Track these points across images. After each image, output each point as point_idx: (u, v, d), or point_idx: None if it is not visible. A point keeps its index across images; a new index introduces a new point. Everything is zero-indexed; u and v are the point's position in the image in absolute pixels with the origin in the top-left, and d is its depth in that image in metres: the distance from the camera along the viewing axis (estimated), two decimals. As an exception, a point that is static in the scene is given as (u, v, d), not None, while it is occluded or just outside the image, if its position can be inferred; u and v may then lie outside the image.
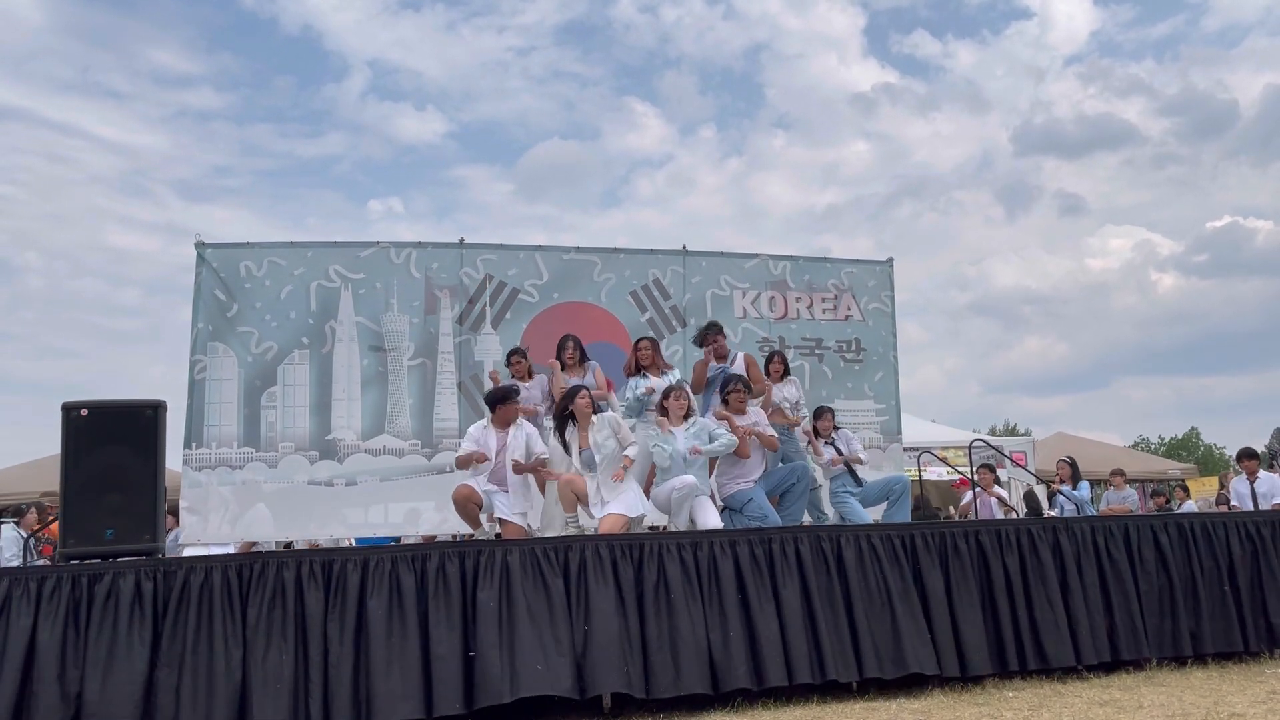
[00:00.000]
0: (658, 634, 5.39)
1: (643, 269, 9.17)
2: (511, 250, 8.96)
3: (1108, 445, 19.81)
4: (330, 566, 5.27)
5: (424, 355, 8.58)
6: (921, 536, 6.08)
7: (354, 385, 8.43)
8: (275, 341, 8.33)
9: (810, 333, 9.49)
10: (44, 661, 4.78)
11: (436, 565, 5.33)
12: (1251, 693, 5.50)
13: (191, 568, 5.14)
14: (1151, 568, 6.39)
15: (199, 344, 8.15)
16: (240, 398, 8.20)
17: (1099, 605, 6.17)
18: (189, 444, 8.04)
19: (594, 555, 5.50)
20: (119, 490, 5.22)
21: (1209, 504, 13.23)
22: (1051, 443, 18.13)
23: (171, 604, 5.03)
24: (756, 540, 5.80)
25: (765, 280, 9.47)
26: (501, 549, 5.46)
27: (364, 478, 8.31)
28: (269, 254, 8.43)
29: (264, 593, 5.13)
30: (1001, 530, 6.26)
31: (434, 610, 5.23)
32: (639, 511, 6.43)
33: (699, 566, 5.63)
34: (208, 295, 8.23)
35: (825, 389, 9.31)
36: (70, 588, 4.96)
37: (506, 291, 8.85)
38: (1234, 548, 6.58)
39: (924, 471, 12.33)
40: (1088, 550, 6.30)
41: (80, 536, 5.18)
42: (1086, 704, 5.28)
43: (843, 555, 5.86)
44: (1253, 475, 9.55)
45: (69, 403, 5.28)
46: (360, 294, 8.54)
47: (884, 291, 9.77)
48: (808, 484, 7.10)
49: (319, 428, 8.30)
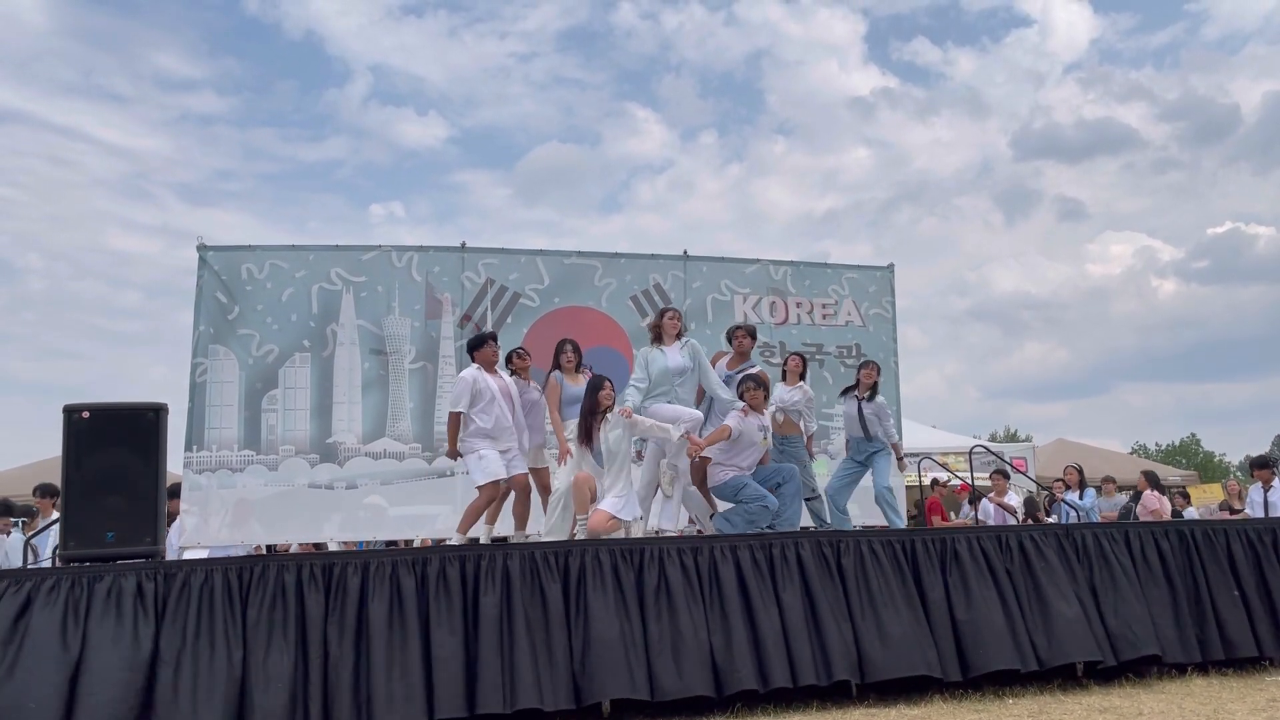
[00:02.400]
0: (659, 638, 5.39)
1: (643, 274, 9.17)
2: (513, 254, 8.97)
3: (1108, 451, 19.81)
4: (330, 570, 5.27)
5: (425, 359, 8.58)
6: (922, 542, 6.09)
7: (355, 388, 8.43)
8: (276, 344, 8.32)
9: (810, 338, 9.49)
10: (43, 661, 4.78)
11: (437, 569, 5.34)
12: (1251, 700, 5.50)
13: (192, 570, 5.14)
14: (1157, 571, 6.38)
15: (200, 346, 8.15)
16: (241, 400, 8.19)
17: (1107, 607, 6.15)
18: (190, 447, 8.03)
19: (594, 561, 5.50)
20: (120, 493, 5.22)
21: (1210, 511, 13.20)
22: (1052, 449, 18.14)
23: (171, 605, 5.03)
24: (757, 545, 5.80)
25: (765, 285, 9.48)
26: (502, 553, 5.46)
27: (365, 481, 8.31)
28: (270, 257, 8.43)
29: (264, 595, 5.13)
30: (1002, 536, 6.27)
31: (435, 614, 5.23)
32: (632, 515, 6.45)
33: (699, 570, 5.63)
34: (209, 298, 8.23)
35: (825, 394, 9.30)
36: (70, 588, 4.96)
37: (508, 296, 8.85)
38: (1237, 553, 6.58)
39: (924, 477, 12.32)
40: (1088, 555, 6.30)
41: (81, 539, 5.17)
42: (1087, 711, 5.28)
43: (841, 560, 5.87)
44: (1268, 484, 9.49)
45: (70, 405, 5.28)
46: (362, 297, 8.54)
47: (884, 297, 9.78)
48: (797, 485, 7.03)
49: (320, 431, 8.29)
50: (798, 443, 7.63)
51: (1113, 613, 6.14)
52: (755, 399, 6.90)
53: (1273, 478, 9.55)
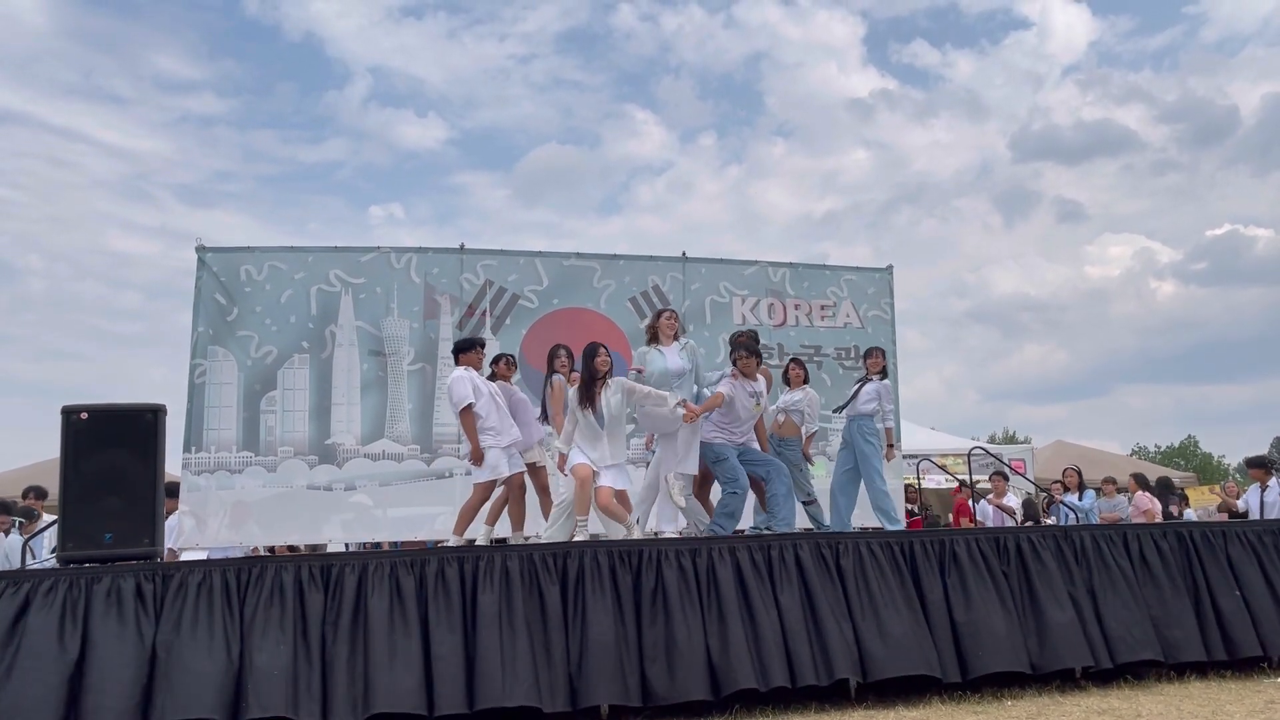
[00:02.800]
0: (654, 642, 5.39)
1: (642, 275, 9.18)
2: (512, 256, 8.97)
3: (1108, 453, 19.81)
4: (329, 570, 5.27)
5: (424, 360, 8.58)
6: (921, 544, 6.09)
7: (354, 390, 8.43)
8: (275, 345, 8.32)
9: (809, 340, 9.49)
10: (41, 662, 4.77)
11: (435, 570, 5.34)
12: (1250, 702, 5.50)
13: (190, 571, 5.14)
14: (1159, 573, 6.38)
15: (199, 348, 8.14)
16: (240, 402, 8.19)
17: (1107, 609, 6.15)
18: (188, 448, 8.03)
19: (592, 562, 5.50)
20: (118, 494, 5.22)
21: (1209, 513, 13.19)
22: (1050, 451, 18.14)
23: (169, 606, 5.02)
24: (756, 546, 5.81)
25: (764, 287, 9.48)
26: (500, 554, 5.46)
27: (363, 482, 8.30)
28: (269, 258, 8.43)
29: (262, 595, 5.13)
30: (1000, 537, 6.27)
31: (434, 614, 5.23)
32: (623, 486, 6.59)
33: (698, 572, 5.63)
34: (208, 299, 8.23)
35: (824, 396, 9.29)
36: (68, 589, 4.95)
37: (506, 297, 8.86)
38: (1236, 554, 6.58)
39: (923, 479, 12.32)
40: (1086, 557, 6.30)
41: (79, 540, 5.17)
42: (1085, 713, 5.28)
43: (840, 561, 5.87)
44: (1264, 484, 9.47)
45: (69, 406, 5.28)
46: (360, 298, 8.54)
47: (883, 299, 9.78)
48: (788, 485, 6.98)
49: (318, 432, 8.29)
50: (795, 445, 7.62)
51: (1110, 615, 6.14)
52: (747, 366, 6.90)
53: (1268, 477, 9.53)
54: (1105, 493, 11.22)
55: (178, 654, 4.90)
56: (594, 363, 6.60)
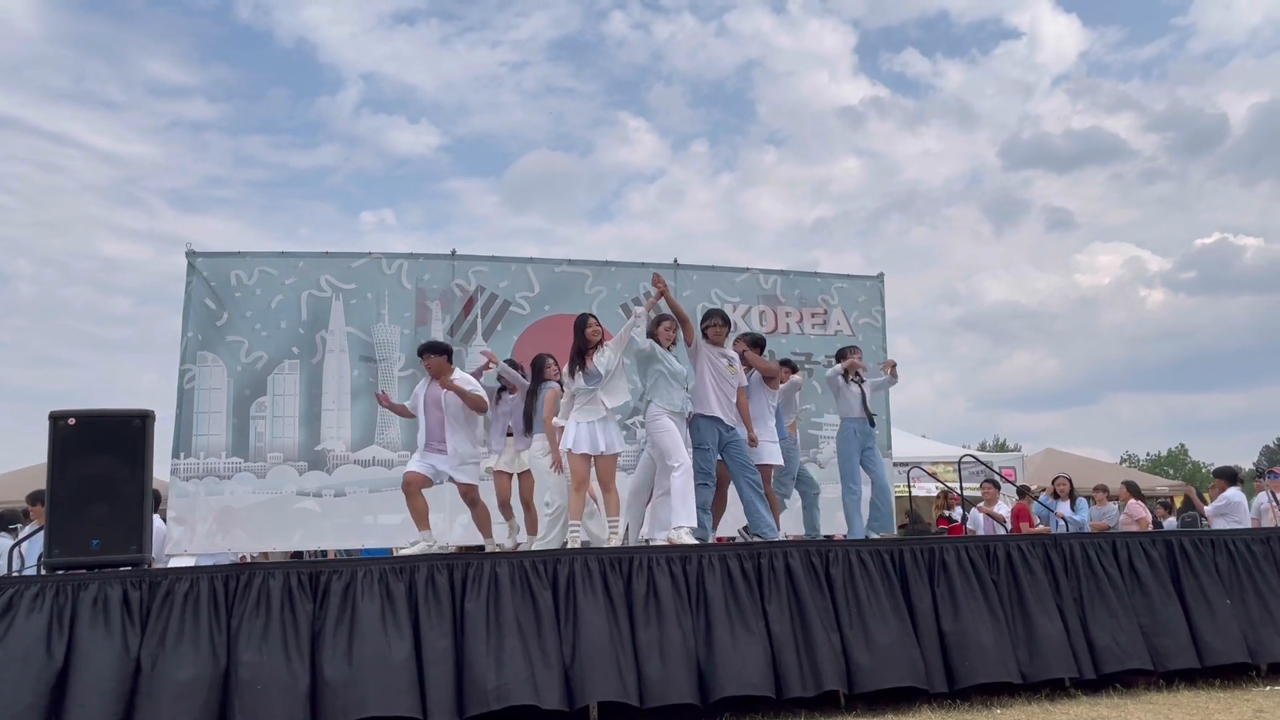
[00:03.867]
0: (646, 645, 5.38)
1: (634, 282, 9.18)
2: (503, 262, 8.96)
3: (1097, 461, 19.86)
4: (318, 578, 5.25)
5: (415, 366, 8.54)
6: (910, 552, 6.09)
7: (344, 396, 8.41)
8: (265, 351, 8.30)
9: (800, 347, 9.51)
10: (27, 669, 4.73)
11: (425, 576, 5.32)
12: (1238, 710, 5.52)
13: (178, 578, 5.11)
14: (1148, 581, 6.39)
15: (188, 353, 8.12)
16: (229, 407, 8.16)
17: (1096, 618, 6.16)
18: (177, 453, 8.00)
19: (583, 568, 5.49)
20: (106, 500, 5.19)
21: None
22: (1040, 459, 18.17)
23: (156, 613, 4.99)
24: (745, 554, 5.80)
25: (756, 294, 9.50)
26: (490, 561, 5.45)
27: (353, 489, 8.27)
28: (260, 263, 8.40)
29: (249, 603, 5.10)
30: (990, 546, 6.27)
31: (424, 618, 5.22)
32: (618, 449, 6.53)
33: (688, 579, 5.62)
34: (198, 304, 8.20)
35: (814, 403, 9.33)
36: (55, 595, 4.92)
37: (498, 303, 8.85)
38: (1223, 563, 6.61)
39: (913, 487, 12.33)
40: (1075, 566, 6.31)
41: (66, 546, 5.14)
42: (1074, 721, 5.28)
43: (830, 570, 5.87)
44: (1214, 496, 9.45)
45: (56, 411, 5.24)
46: (351, 304, 8.52)
47: (874, 306, 9.82)
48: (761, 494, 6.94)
49: (308, 438, 8.26)
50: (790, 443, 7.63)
51: (1098, 625, 6.15)
52: (718, 334, 6.94)
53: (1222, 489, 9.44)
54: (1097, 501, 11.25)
55: (162, 664, 4.87)
56: (585, 333, 6.64)
